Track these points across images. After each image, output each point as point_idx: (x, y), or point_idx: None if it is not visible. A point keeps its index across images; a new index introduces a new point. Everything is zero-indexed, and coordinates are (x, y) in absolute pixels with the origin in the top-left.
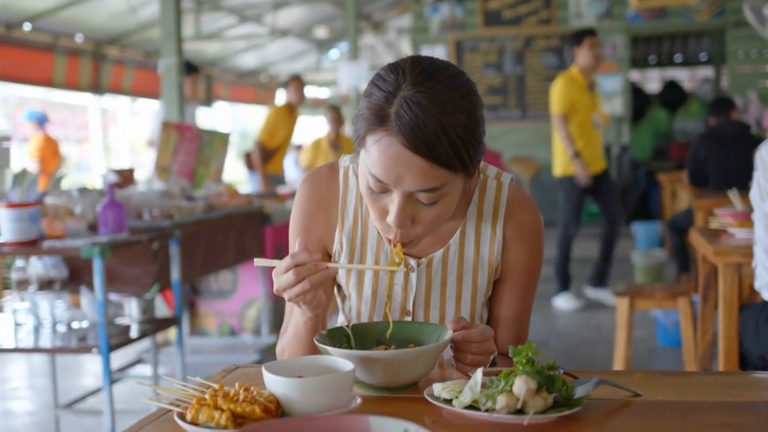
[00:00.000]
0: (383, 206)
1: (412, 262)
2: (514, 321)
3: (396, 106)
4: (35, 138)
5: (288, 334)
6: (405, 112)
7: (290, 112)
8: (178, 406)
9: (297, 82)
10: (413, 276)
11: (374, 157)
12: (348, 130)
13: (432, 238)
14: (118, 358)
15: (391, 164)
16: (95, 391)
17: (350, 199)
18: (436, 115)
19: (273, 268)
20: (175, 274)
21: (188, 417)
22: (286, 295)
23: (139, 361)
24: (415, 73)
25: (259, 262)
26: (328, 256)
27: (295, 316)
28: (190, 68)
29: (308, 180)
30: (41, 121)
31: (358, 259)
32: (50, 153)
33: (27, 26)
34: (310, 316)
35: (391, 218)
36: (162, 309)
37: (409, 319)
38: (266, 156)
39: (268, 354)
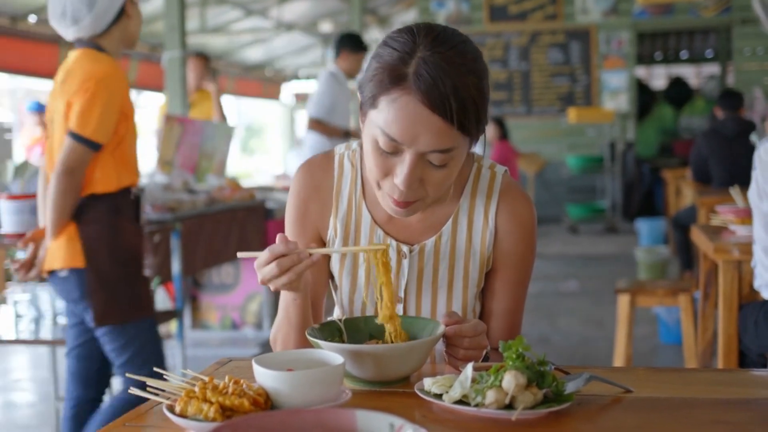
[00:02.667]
0: (390, 166)
1: (405, 248)
2: (506, 314)
3: (414, 66)
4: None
5: (279, 319)
6: (424, 72)
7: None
8: (168, 398)
9: (195, 59)
10: (405, 263)
11: (390, 117)
12: None
13: (425, 225)
14: None
15: (408, 123)
16: None
17: (344, 186)
18: (452, 76)
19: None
20: (177, 267)
21: (177, 409)
22: (271, 286)
23: None
24: (430, 36)
25: (241, 255)
26: (323, 243)
27: (285, 300)
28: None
29: (304, 167)
30: (43, 110)
31: (352, 244)
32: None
33: (32, 18)
34: (298, 295)
35: (399, 179)
36: (164, 302)
37: (401, 306)
38: None
39: (269, 348)
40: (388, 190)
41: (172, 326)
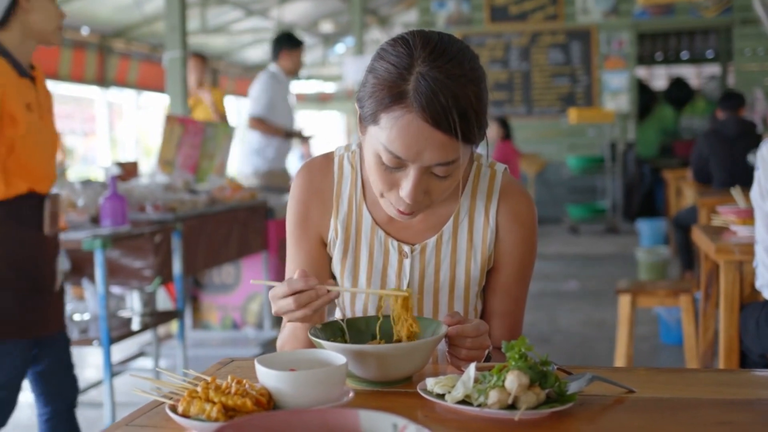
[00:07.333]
0: (395, 180)
1: (406, 248)
2: (508, 314)
3: (414, 83)
4: None
5: (286, 332)
6: (424, 88)
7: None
8: (171, 398)
9: (195, 59)
10: (407, 262)
11: (393, 135)
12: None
13: (426, 225)
14: (120, 350)
15: (412, 140)
16: (96, 384)
17: (345, 188)
18: (452, 89)
19: (276, 263)
20: (178, 267)
21: (180, 409)
22: (286, 318)
23: (140, 354)
24: (428, 49)
25: (255, 282)
26: (324, 245)
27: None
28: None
29: (303, 170)
30: None
31: (353, 245)
32: None
33: None
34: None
35: (405, 192)
36: (165, 302)
37: None
38: None
39: (270, 348)
40: (393, 202)
41: (173, 326)
